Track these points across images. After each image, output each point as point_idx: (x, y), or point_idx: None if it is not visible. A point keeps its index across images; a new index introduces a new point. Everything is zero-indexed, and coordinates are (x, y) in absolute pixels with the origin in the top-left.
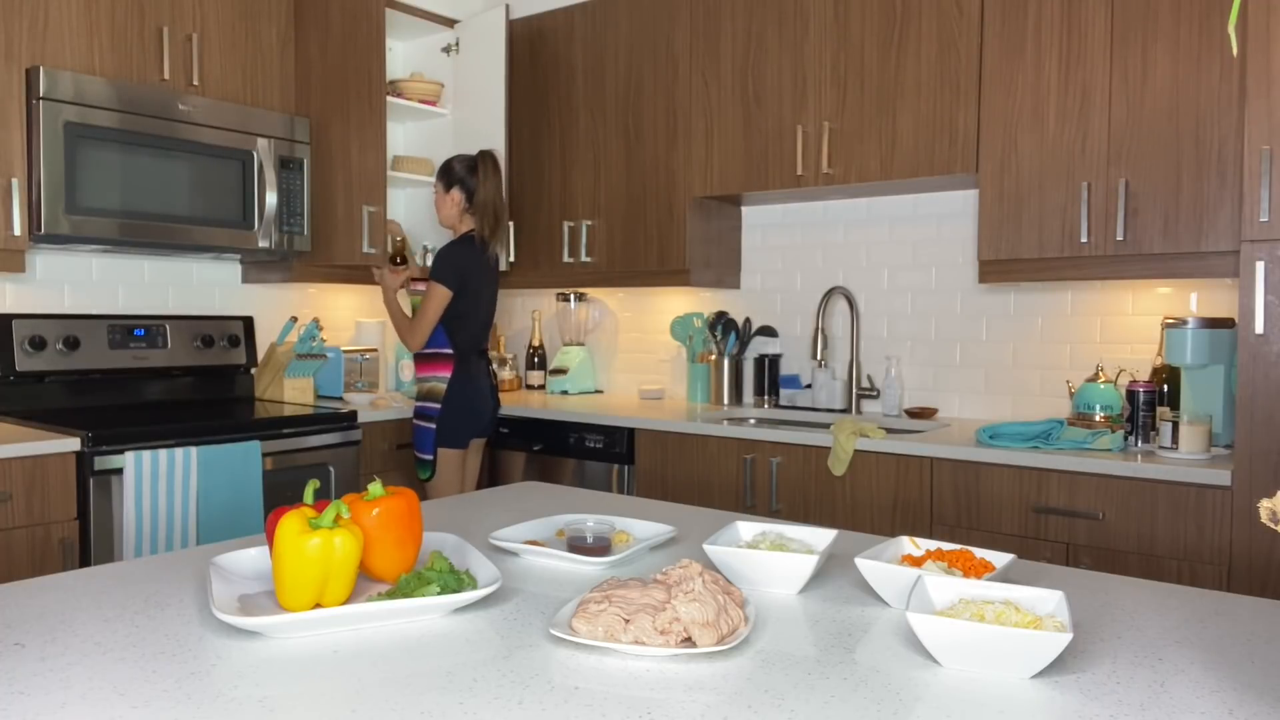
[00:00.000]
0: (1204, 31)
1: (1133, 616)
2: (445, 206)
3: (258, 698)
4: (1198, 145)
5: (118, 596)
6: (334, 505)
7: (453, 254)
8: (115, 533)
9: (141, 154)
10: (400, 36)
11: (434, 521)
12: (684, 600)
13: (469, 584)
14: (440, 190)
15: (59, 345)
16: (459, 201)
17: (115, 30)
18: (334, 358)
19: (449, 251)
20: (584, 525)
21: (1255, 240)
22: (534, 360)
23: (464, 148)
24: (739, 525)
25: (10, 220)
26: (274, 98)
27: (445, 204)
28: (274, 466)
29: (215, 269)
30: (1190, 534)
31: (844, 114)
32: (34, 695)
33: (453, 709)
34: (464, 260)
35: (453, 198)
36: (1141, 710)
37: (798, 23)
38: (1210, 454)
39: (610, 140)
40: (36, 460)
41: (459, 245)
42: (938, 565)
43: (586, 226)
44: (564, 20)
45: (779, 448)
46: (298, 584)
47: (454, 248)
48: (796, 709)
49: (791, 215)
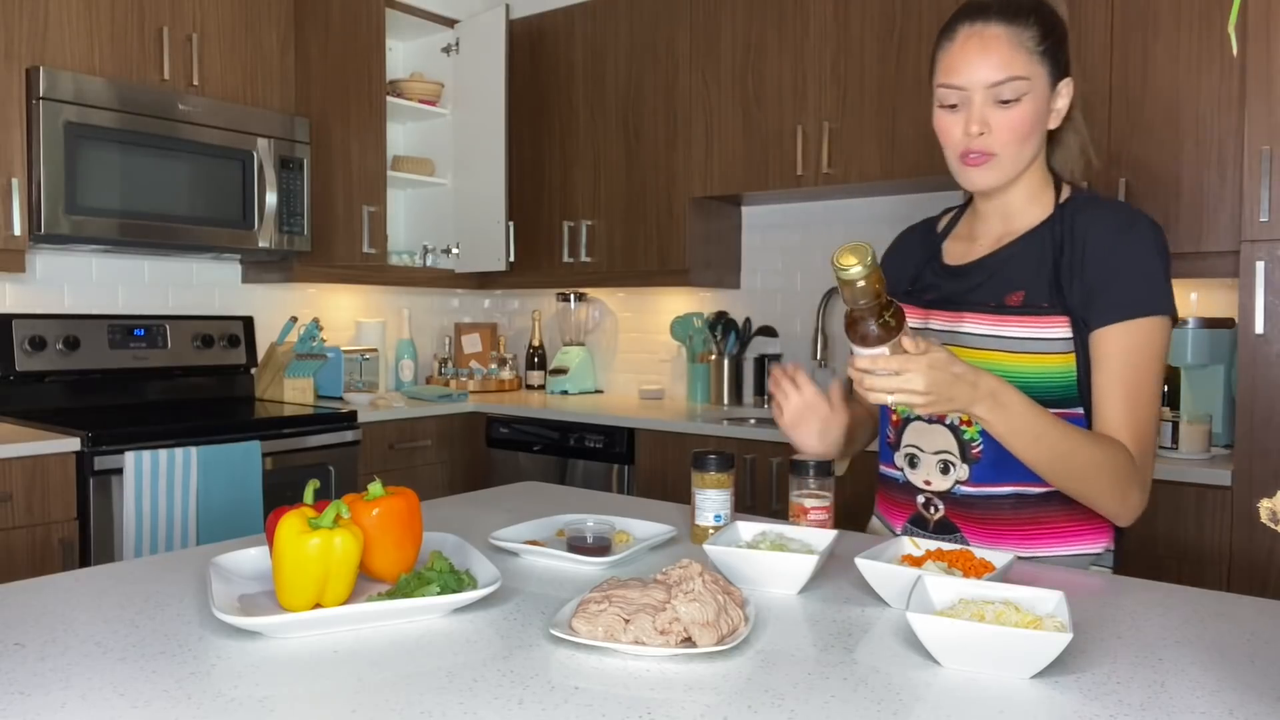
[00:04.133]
0: (1204, 31)
1: (1133, 616)
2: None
3: (258, 698)
4: (1198, 145)
5: (118, 596)
6: (334, 505)
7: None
8: (115, 533)
9: (141, 154)
10: (400, 36)
11: (434, 521)
12: (684, 600)
13: (469, 584)
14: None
15: (59, 345)
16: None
17: (115, 30)
18: (334, 358)
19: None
20: (584, 525)
21: (1255, 240)
22: (534, 360)
23: (464, 148)
24: (739, 525)
25: (10, 220)
26: (274, 98)
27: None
28: (274, 466)
29: (215, 269)
30: (1190, 534)
31: (844, 114)
32: (34, 695)
33: (453, 709)
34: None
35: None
36: (1141, 710)
37: (798, 23)
38: (1210, 454)
39: (610, 140)
40: (36, 460)
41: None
42: (938, 565)
43: (586, 226)
44: (564, 20)
45: (779, 448)
46: (298, 584)
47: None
48: (796, 709)
49: (791, 215)
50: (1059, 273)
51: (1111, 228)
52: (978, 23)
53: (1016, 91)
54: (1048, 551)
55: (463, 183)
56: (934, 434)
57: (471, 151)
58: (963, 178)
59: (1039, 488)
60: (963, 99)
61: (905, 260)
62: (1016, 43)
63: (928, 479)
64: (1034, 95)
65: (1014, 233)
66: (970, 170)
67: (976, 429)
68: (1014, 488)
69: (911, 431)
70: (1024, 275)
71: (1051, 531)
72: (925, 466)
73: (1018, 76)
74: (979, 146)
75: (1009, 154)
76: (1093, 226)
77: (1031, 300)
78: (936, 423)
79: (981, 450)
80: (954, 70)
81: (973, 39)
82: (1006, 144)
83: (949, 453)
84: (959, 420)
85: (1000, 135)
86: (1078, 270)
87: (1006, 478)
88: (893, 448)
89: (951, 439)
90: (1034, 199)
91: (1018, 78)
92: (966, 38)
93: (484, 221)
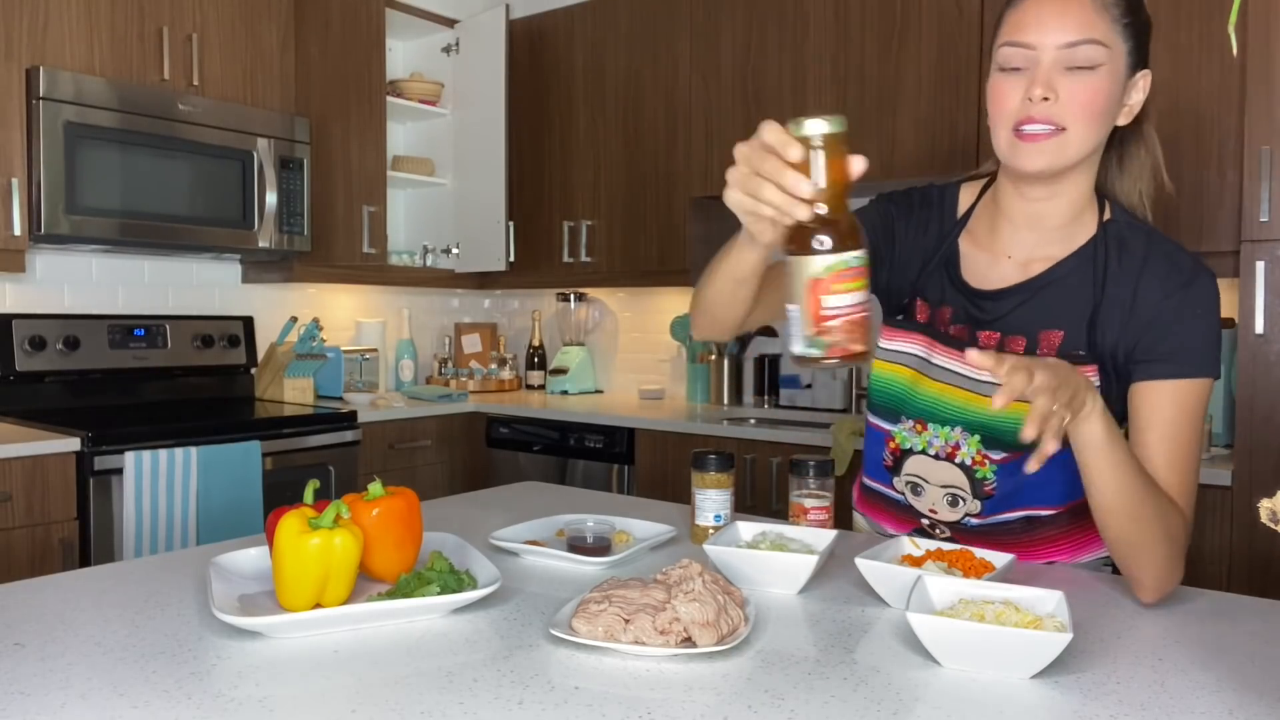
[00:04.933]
0: (1204, 31)
1: (1133, 616)
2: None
3: (258, 698)
4: (1198, 145)
5: (118, 596)
6: (334, 505)
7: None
8: (115, 533)
9: (141, 154)
10: (400, 36)
11: (434, 521)
12: (684, 600)
13: (469, 584)
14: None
15: (59, 345)
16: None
17: (115, 30)
18: (334, 358)
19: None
20: (584, 525)
21: (1255, 240)
22: (534, 360)
23: (464, 148)
24: (739, 525)
25: (10, 220)
26: (274, 98)
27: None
28: (274, 466)
29: (215, 269)
30: (1190, 534)
31: (844, 114)
32: (34, 695)
33: (453, 709)
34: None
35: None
36: (1141, 710)
37: (798, 23)
38: (1210, 454)
39: (610, 140)
40: (36, 460)
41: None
42: (938, 565)
43: (586, 226)
44: (564, 20)
45: (779, 448)
46: (298, 584)
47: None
48: (796, 709)
49: None
50: (1097, 314)
51: (1172, 281)
52: None
53: (1093, 59)
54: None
55: (463, 183)
56: (941, 469)
57: (471, 151)
58: (1015, 155)
59: (1050, 509)
60: (1029, 60)
61: (920, 233)
62: (1100, 6)
63: (934, 508)
64: (1111, 70)
65: (1054, 254)
66: (1026, 147)
67: (990, 469)
68: (1025, 512)
69: (915, 463)
70: (1066, 311)
71: (1059, 547)
72: (931, 496)
73: (1096, 40)
74: (1042, 115)
75: (1077, 131)
76: (1148, 273)
77: (1070, 344)
78: (945, 460)
79: (995, 488)
80: (1023, 26)
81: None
82: (1076, 118)
83: (958, 488)
84: (971, 460)
85: (1070, 107)
86: (1124, 317)
87: (1019, 504)
88: (890, 471)
89: (961, 476)
90: (1080, 213)
91: (1096, 41)
92: None
93: (484, 221)
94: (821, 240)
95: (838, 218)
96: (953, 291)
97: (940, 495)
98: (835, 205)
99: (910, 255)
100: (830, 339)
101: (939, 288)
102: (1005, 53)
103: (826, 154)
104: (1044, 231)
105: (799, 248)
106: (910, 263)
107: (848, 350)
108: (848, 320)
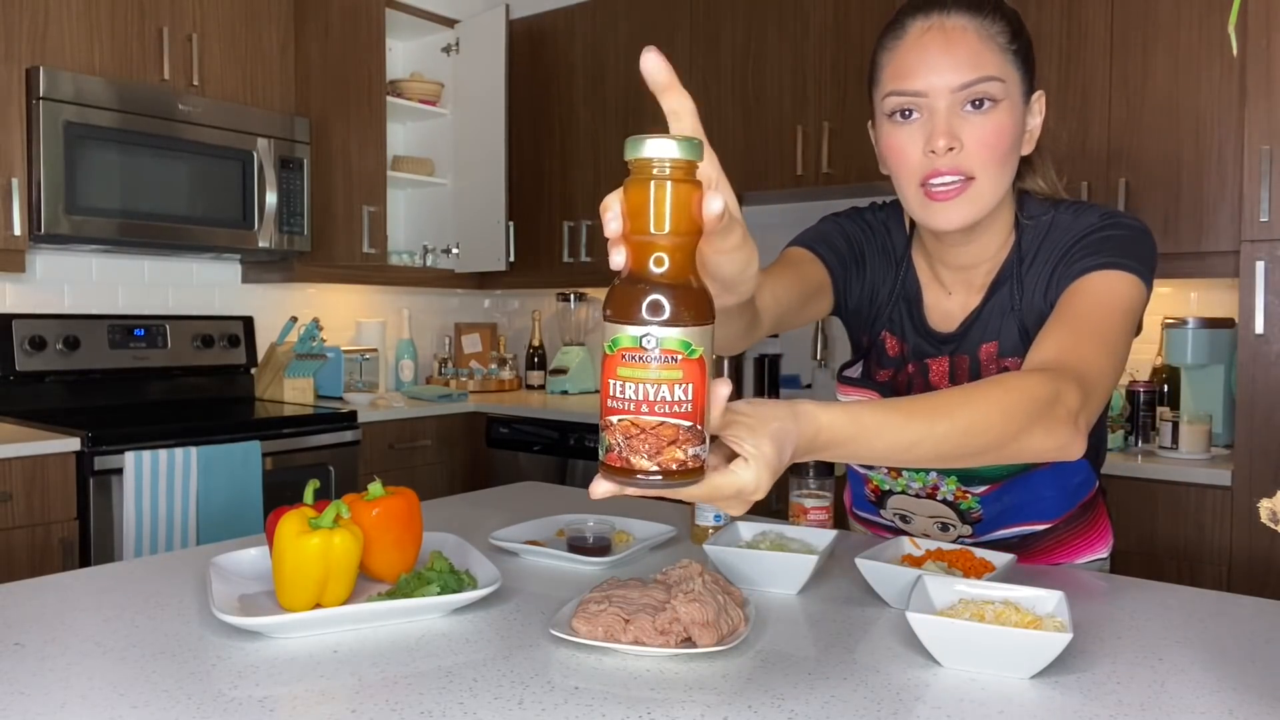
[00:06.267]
0: (1204, 31)
1: (1133, 616)
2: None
3: (258, 698)
4: (1198, 145)
5: (118, 596)
6: (334, 505)
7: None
8: (115, 533)
9: (141, 154)
10: (400, 36)
11: (434, 521)
12: (684, 600)
13: (469, 584)
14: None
15: (59, 345)
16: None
17: (115, 30)
18: (334, 358)
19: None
20: (584, 525)
21: (1255, 240)
22: (534, 360)
23: (464, 148)
24: (739, 525)
25: (10, 220)
26: (274, 98)
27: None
28: (274, 466)
29: (215, 269)
30: (1190, 534)
31: (844, 114)
32: (34, 695)
33: (453, 709)
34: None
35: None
36: (1141, 710)
37: (798, 23)
38: (1210, 454)
39: (610, 140)
40: (36, 460)
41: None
42: (938, 565)
43: (586, 226)
44: (564, 20)
45: None
46: (298, 584)
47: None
48: (796, 709)
49: (791, 215)
50: (1021, 306)
51: (1081, 222)
52: (934, 14)
53: (991, 95)
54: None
55: (463, 183)
56: (924, 504)
57: (471, 151)
58: (929, 215)
59: (1044, 524)
60: (923, 107)
61: (884, 260)
62: (986, 36)
63: (926, 532)
64: (1010, 105)
65: (988, 279)
66: (937, 206)
67: (974, 500)
68: (1020, 528)
69: (898, 500)
70: (997, 321)
71: (1055, 555)
72: (920, 524)
73: (991, 76)
74: (949, 166)
75: (987, 177)
76: (1055, 229)
77: (1006, 351)
78: (926, 498)
79: (983, 514)
80: (909, 72)
81: (931, 32)
82: (985, 164)
83: (946, 518)
84: (953, 496)
85: (977, 152)
86: (1042, 286)
87: (1010, 523)
88: (875, 505)
89: (946, 508)
90: (1006, 235)
91: (991, 78)
92: (923, 32)
93: (484, 221)
94: (633, 303)
95: (665, 278)
96: (912, 333)
97: (930, 524)
98: (670, 260)
99: (878, 281)
100: (610, 439)
101: (900, 324)
102: (890, 102)
103: (667, 189)
104: (975, 265)
105: (608, 303)
106: (877, 290)
107: (628, 464)
108: (632, 423)
